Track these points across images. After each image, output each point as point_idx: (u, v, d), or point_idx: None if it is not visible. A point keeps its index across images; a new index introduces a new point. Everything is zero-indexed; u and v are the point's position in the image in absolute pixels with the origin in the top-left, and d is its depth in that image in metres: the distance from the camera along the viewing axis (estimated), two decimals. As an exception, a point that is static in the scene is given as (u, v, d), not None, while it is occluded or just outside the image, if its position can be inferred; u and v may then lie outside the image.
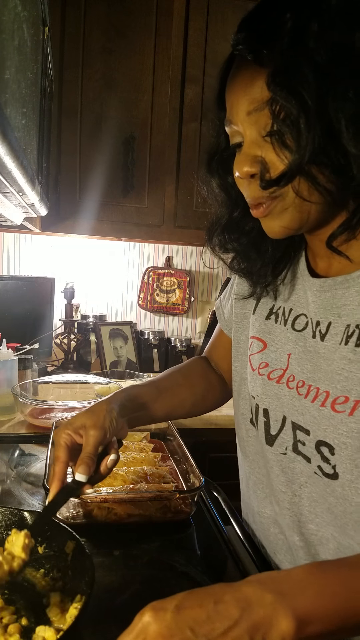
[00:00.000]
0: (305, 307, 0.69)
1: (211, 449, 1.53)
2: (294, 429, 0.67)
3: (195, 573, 0.72)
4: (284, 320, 0.71)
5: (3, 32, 0.50)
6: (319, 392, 0.63)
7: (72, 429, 0.69)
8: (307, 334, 0.67)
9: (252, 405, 0.75)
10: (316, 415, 0.63)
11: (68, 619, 0.57)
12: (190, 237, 1.85)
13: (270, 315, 0.75)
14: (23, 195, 0.88)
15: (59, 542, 0.64)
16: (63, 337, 1.96)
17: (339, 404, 0.60)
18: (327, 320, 0.64)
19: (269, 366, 0.72)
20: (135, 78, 1.71)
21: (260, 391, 0.72)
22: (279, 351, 0.71)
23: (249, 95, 0.57)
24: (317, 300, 0.66)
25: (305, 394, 0.65)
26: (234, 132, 0.61)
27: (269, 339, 0.74)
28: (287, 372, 0.69)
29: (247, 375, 0.77)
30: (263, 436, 0.72)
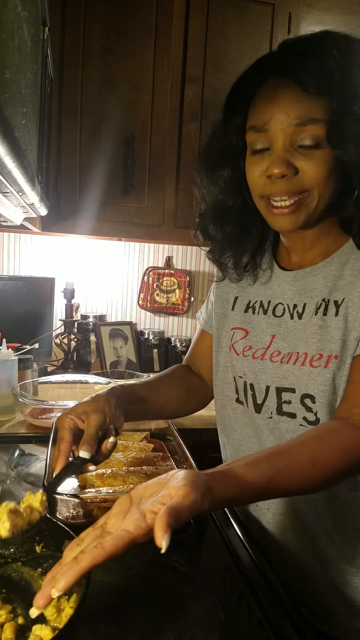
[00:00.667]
0: (281, 296, 0.84)
1: (211, 449, 1.53)
2: (278, 394, 0.81)
3: (195, 573, 0.72)
4: (264, 310, 0.86)
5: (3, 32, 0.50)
6: (299, 355, 0.78)
7: (74, 414, 0.77)
8: (286, 317, 0.83)
9: (239, 385, 0.88)
10: (298, 374, 0.78)
11: (64, 618, 0.57)
12: (190, 237, 1.84)
13: (247, 309, 0.90)
14: (23, 195, 0.88)
15: (57, 542, 0.64)
16: (63, 337, 1.96)
17: (315, 361, 0.76)
18: (302, 302, 0.81)
19: (252, 348, 0.86)
20: (135, 78, 1.71)
21: (247, 370, 0.86)
22: (260, 335, 0.86)
23: (292, 113, 0.69)
24: (292, 288, 0.83)
25: (287, 361, 0.80)
26: (261, 139, 0.73)
27: (249, 327, 0.88)
28: (270, 349, 0.83)
29: (232, 361, 0.90)
30: (252, 407, 0.85)
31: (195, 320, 2.30)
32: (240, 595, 0.70)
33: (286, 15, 1.80)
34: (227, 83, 1.82)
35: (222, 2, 1.74)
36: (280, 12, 1.79)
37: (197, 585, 0.70)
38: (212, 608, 0.65)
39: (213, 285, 1.01)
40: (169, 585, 0.70)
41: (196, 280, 2.28)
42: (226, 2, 1.74)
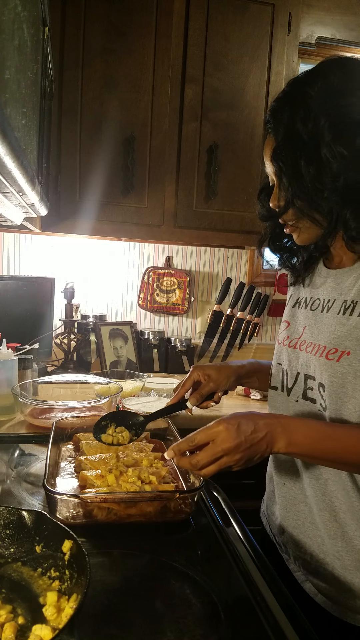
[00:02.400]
0: (320, 293, 0.94)
1: (211, 449, 1.53)
2: (305, 380, 0.91)
3: (195, 573, 0.72)
4: (305, 305, 0.97)
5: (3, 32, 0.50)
6: (320, 346, 0.88)
7: (202, 373, 1.03)
8: (318, 310, 0.92)
9: (276, 371, 1.00)
10: (317, 364, 0.87)
11: (64, 618, 0.57)
12: (190, 237, 1.85)
13: (295, 304, 1.01)
14: (23, 195, 0.88)
15: (57, 542, 0.64)
16: (63, 337, 1.96)
17: (331, 354, 0.84)
18: (333, 298, 0.90)
19: (289, 338, 0.98)
20: (135, 78, 1.71)
21: (284, 358, 0.98)
22: (297, 326, 0.97)
23: (267, 154, 0.87)
24: (330, 285, 0.92)
25: (311, 351, 0.90)
26: (270, 177, 0.91)
27: (292, 320, 1.00)
28: (301, 339, 0.94)
29: (276, 350, 1.03)
30: (285, 391, 0.96)
31: (195, 320, 2.30)
32: (240, 595, 0.70)
33: (286, 15, 1.80)
34: (227, 83, 1.82)
35: (222, 2, 1.74)
36: (280, 12, 1.79)
37: (197, 585, 0.70)
38: (212, 608, 0.65)
39: None
40: (169, 585, 0.70)
41: (196, 280, 2.28)
42: (226, 2, 1.74)
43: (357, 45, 1.97)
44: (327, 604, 0.85)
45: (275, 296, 2.29)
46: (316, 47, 1.96)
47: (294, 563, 0.93)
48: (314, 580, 0.88)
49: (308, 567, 0.89)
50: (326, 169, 0.79)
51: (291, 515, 0.93)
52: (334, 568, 0.84)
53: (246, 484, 1.16)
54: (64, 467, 1.00)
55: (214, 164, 1.79)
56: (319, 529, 0.87)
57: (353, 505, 0.82)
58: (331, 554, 0.85)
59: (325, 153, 0.79)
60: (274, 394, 1.01)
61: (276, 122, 0.84)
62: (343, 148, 0.78)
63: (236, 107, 1.80)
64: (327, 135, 0.78)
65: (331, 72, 0.82)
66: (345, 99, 0.79)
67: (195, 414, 1.58)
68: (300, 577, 0.91)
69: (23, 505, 0.91)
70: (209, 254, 2.28)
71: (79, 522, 0.82)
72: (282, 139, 0.83)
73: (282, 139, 0.83)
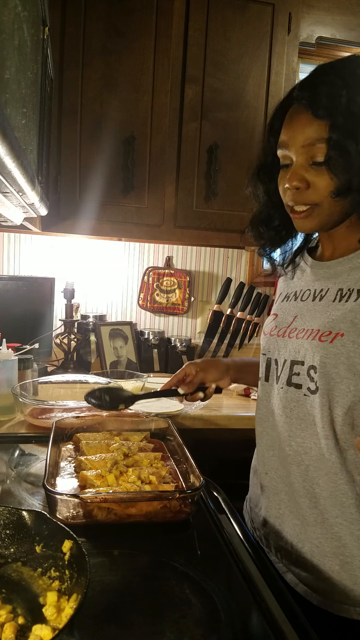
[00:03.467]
0: (310, 285, 0.94)
1: (211, 449, 1.53)
2: (291, 366, 0.90)
3: (195, 573, 0.72)
4: (295, 298, 0.97)
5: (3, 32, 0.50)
6: (312, 330, 0.87)
7: (194, 366, 1.11)
8: (309, 300, 0.92)
9: (263, 362, 1.00)
10: (308, 347, 0.86)
11: (64, 618, 0.57)
12: (190, 237, 1.85)
13: (284, 299, 1.01)
14: (23, 195, 0.88)
15: (57, 542, 0.64)
16: (63, 337, 1.96)
17: (324, 336, 0.84)
18: (326, 287, 0.89)
19: (276, 328, 0.97)
20: (135, 78, 1.71)
21: (272, 347, 0.97)
22: (285, 316, 0.96)
23: (305, 134, 0.81)
24: (321, 277, 0.92)
25: (302, 336, 0.89)
26: (286, 156, 0.86)
27: (279, 312, 0.99)
28: (290, 327, 0.93)
29: (262, 341, 1.02)
30: (274, 380, 0.95)
31: (195, 320, 2.30)
32: (240, 595, 0.70)
33: (286, 15, 1.80)
34: (227, 83, 1.82)
35: (222, 2, 1.74)
36: (280, 12, 1.79)
37: (197, 585, 0.70)
38: (212, 608, 0.65)
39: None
40: (169, 585, 0.70)
41: (196, 280, 2.28)
42: (226, 2, 1.74)
43: (357, 45, 1.97)
44: (307, 593, 0.85)
45: (275, 296, 2.29)
46: (316, 47, 1.96)
47: (275, 555, 0.93)
48: (294, 570, 0.88)
49: (289, 557, 0.89)
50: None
51: (273, 505, 0.93)
52: (313, 556, 0.85)
53: (246, 484, 1.16)
54: (64, 467, 1.00)
55: (214, 164, 1.79)
56: (299, 518, 0.87)
57: (338, 489, 0.82)
58: (310, 541, 0.85)
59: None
60: (260, 385, 1.02)
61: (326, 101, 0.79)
62: None
63: (236, 107, 1.80)
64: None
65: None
66: None
67: (194, 414, 1.57)
68: (282, 569, 0.90)
69: (23, 505, 0.91)
70: (209, 254, 2.28)
71: (79, 522, 0.82)
72: (341, 123, 0.78)
73: (341, 122, 0.78)
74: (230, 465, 1.52)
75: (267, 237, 1.00)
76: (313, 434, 0.85)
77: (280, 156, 0.87)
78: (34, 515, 0.69)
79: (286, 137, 0.85)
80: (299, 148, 0.83)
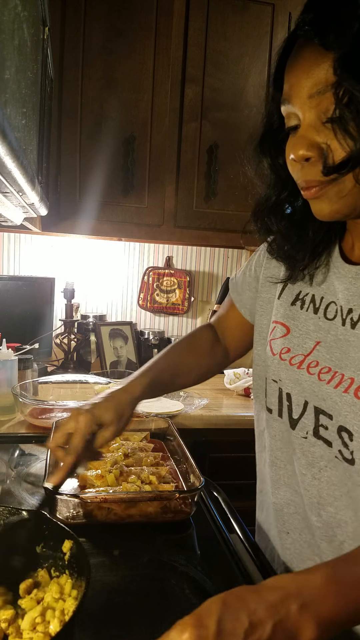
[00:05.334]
0: (334, 294, 0.69)
1: (211, 449, 1.53)
2: (316, 414, 0.68)
3: (195, 573, 0.72)
4: (314, 309, 0.72)
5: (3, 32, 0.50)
6: (344, 378, 0.64)
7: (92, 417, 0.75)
8: (337, 322, 0.68)
9: (271, 390, 0.77)
10: (338, 401, 0.64)
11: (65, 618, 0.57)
12: (191, 237, 1.85)
13: (296, 302, 0.75)
14: (23, 195, 0.88)
15: (57, 542, 0.64)
16: (63, 337, 1.96)
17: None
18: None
19: (290, 351, 0.73)
20: (135, 78, 1.71)
21: (284, 376, 0.73)
22: (302, 337, 0.72)
23: (312, 77, 0.56)
24: (351, 287, 0.67)
25: (328, 380, 0.66)
26: (291, 114, 0.61)
27: (292, 325, 0.74)
28: (309, 358, 0.70)
29: (267, 360, 0.78)
30: (288, 420, 0.73)
31: (195, 320, 2.30)
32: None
33: (286, 15, 1.80)
34: (227, 83, 1.82)
35: (222, 2, 1.74)
36: (280, 12, 1.79)
37: (197, 585, 0.70)
38: (212, 608, 0.65)
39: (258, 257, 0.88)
40: (169, 585, 0.70)
41: (196, 280, 2.28)
42: (226, 2, 1.74)
43: (357, 45, 1.97)
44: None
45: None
46: (316, 47, 1.96)
47: None
48: None
49: None
50: None
51: (295, 562, 0.77)
52: None
53: (246, 484, 1.16)
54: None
55: (214, 164, 1.79)
56: None
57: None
58: None
59: None
60: (270, 418, 0.78)
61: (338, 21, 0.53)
62: None
63: (236, 107, 1.80)
64: None
65: None
66: None
67: (194, 414, 1.57)
68: None
69: (23, 505, 0.91)
70: (209, 254, 2.28)
71: (79, 522, 0.82)
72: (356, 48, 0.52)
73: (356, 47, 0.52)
74: (230, 465, 1.52)
75: (277, 230, 0.74)
76: (350, 505, 0.66)
77: (284, 115, 0.62)
78: (34, 516, 0.69)
79: (288, 85, 0.60)
80: (305, 100, 0.58)
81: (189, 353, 0.96)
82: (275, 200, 0.71)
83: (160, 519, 0.84)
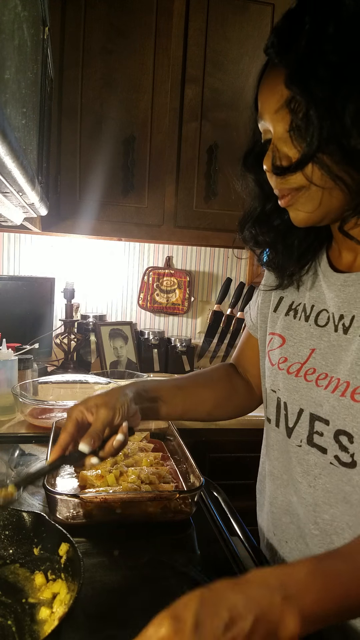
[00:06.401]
0: (324, 302, 0.72)
1: (211, 449, 1.53)
2: (311, 421, 0.70)
3: (195, 573, 0.72)
4: (305, 317, 0.75)
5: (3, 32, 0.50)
6: (340, 382, 0.66)
7: (85, 407, 0.75)
8: (329, 328, 0.70)
9: (270, 400, 0.79)
10: (335, 405, 0.66)
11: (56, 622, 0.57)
12: (191, 237, 1.85)
13: (289, 312, 0.79)
14: (23, 195, 0.88)
15: (54, 544, 0.64)
16: (63, 337, 1.96)
17: (359, 394, 0.63)
18: (351, 313, 0.67)
19: (287, 360, 0.75)
20: (135, 78, 1.71)
21: (282, 385, 0.76)
22: (297, 346, 0.75)
23: (275, 94, 0.62)
24: (340, 294, 0.69)
25: (325, 385, 0.68)
26: (266, 130, 0.67)
27: (287, 334, 0.77)
28: (306, 365, 0.72)
29: (266, 371, 0.81)
30: (284, 429, 0.75)
31: (195, 320, 2.30)
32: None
33: (286, 15, 1.80)
34: (227, 83, 1.82)
35: (222, 2, 1.74)
36: (280, 12, 1.78)
37: (197, 585, 0.70)
38: (212, 608, 0.65)
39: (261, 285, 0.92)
40: (169, 585, 0.70)
41: (196, 280, 2.28)
42: (226, 2, 1.74)
43: (357, 45, 1.97)
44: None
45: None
46: (316, 47, 1.96)
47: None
48: None
49: None
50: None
51: None
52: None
53: (246, 484, 1.16)
54: (64, 467, 1.00)
55: (214, 164, 1.79)
56: None
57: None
58: None
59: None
60: (269, 428, 0.81)
61: (291, 41, 0.59)
62: None
63: (236, 107, 1.80)
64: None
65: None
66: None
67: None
68: None
69: (23, 505, 0.91)
70: (209, 254, 2.28)
71: (79, 522, 0.82)
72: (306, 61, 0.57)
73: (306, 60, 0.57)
74: (230, 465, 1.52)
75: (264, 240, 0.77)
76: (347, 511, 0.66)
77: (262, 131, 0.68)
78: (33, 517, 0.69)
79: (260, 103, 0.66)
80: (272, 115, 0.63)
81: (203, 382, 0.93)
82: (260, 211, 0.76)
83: (160, 519, 0.84)
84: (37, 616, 0.59)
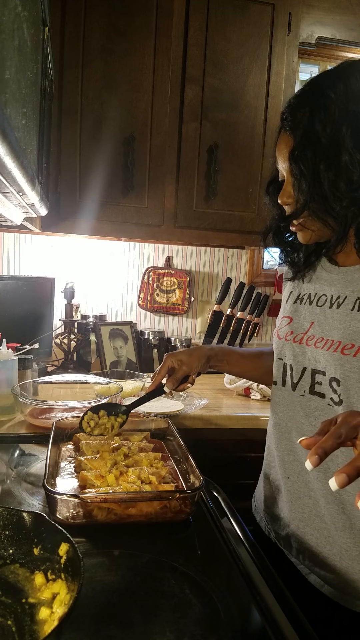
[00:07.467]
0: (326, 289, 0.94)
1: (211, 449, 1.53)
2: (312, 375, 0.91)
3: (195, 573, 0.72)
4: (309, 301, 0.96)
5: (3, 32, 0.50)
6: (333, 342, 0.87)
7: (175, 360, 1.11)
8: (326, 306, 0.92)
9: (279, 366, 1.00)
10: (329, 359, 0.86)
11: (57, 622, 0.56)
12: (190, 237, 1.85)
13: (297, 300, 1.01)
14: (23, 195, 0.88)
15: (54, 544, 0.64)
16: (63, 337, 1.96)
17: (347, 349, 0.84)
18: (344, 294, 0.89)
19: (293, 333, 0.97)
20: (135, 78, 1.71)
21: (288, 353, 0.97)
22: (301, 321, 0.97)
23: (286, 149, 0.87)
24: (339, 283, 0.91)
25: (322, 346, 0.89)
26: (280, 172, 0.93)
27: (294, 316, 0.99)
28: (307, 334, 0.94)
29: (276, 345, 1.02)
30: (290, 386, 0.96)
31: (195, 320, 2.30)
32: (240, 595, 0.70)
33: (286, 15, 1.80)
34: (227, 83, 1.82)
35: (222, 2, 1.74)
36: (280, 12, 1.79)
37: (197, 585, 0.70)
38: (212, 608, 0.65)
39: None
40: (169, 585, 0.70)
41: (196, 280, 2.28)
42: (226, 2, 1.74)
43: (357, 45, 1.97)
44: (334, 594, 0.86)
45: (275, 296, 2.29)
46: (316, 47, 1.96)
47: (296, 557, 0.94)
48: (319, 572, 0.88)
49: (313, 560, 0.89)
50: (345, 177, 0.80)
51: (296, 509, 0.93)
52: (342, 559, 0.85)
53: (246, 484, 1.16)
54: (64, 467, 1.00)
55: (214, 164, 1.79)
56: (326, 522, 0.87)
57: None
58: (338, 545, 0.85)
59: (346, 160, 0.79)
60: (275, 389, 1.01)
61: (295, 120, 0.84)
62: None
63: (236, 107, 1.80)
64: (349, 142, 0.79)
65: (352, 75, 0.81)
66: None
67: (194, 414, 1.57)
68: (304, 570, 0.91)
69: (23, 505, 0.91)
70: (209, 254, 2.28)
71: (79, 522, 0.82)
72: (302, 140, 0.83)
73: (302, 139, 0.83)
74: (230, 465, 1.52)
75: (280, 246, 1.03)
76: None
77: (278, 170, 0.93)
78: (33, 517, 0.69)
79: (277, 152, 0.91)
80: (284, 164, 0.88)
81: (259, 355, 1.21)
82: (276, 226, 1.00)
83: (160, 519, 0.84)
84: (37, 616, 0.59)
